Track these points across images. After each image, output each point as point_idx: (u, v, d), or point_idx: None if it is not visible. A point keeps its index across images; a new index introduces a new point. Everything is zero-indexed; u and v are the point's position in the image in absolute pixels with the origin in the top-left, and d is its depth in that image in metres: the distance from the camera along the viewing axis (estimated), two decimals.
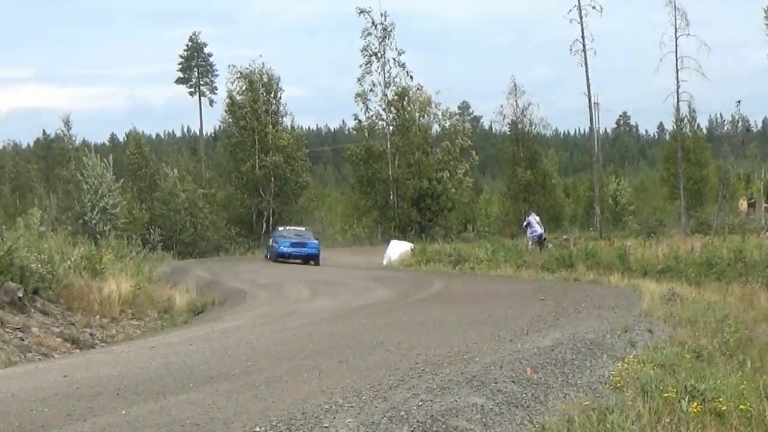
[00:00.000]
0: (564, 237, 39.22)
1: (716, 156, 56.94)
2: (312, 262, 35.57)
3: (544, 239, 34.02)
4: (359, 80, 50.37)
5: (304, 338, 11.71)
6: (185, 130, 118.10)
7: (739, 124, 61.99)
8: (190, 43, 76.42)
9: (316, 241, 37.07)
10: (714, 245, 25.91)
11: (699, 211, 49.98)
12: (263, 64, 51.23)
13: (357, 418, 6.07)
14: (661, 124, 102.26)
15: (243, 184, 50.12)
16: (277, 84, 51.03)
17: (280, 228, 40.20)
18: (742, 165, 55.16)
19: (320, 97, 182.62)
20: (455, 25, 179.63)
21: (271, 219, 49.67)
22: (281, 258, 36.24)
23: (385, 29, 50.37)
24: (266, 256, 39.10)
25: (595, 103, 51.70)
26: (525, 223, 35.38)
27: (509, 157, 55.51)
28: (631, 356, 9.15)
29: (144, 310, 18.39)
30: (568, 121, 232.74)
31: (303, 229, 40.07)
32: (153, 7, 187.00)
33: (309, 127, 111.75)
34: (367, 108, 50.58)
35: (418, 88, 50.71)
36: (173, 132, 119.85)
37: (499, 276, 24.60)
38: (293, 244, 36.58)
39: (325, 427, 5.89)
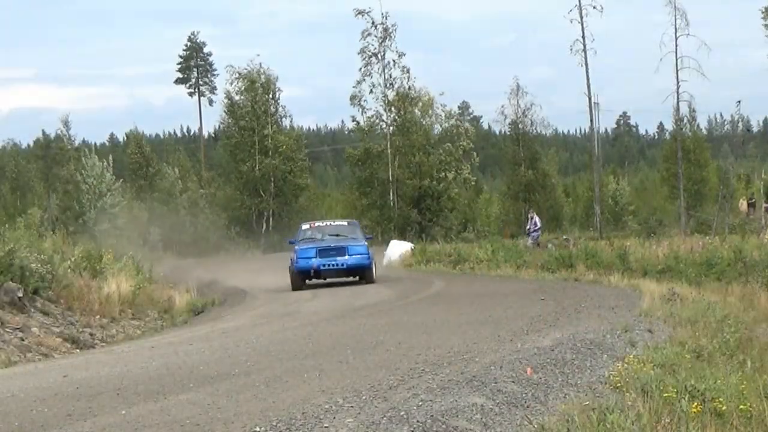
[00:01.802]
0: (564, 237, 39.21)
1: (716, 156, 56.95)
2: (364, 280, 23.06)
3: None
4: (358, 83, 50.29)
5: (304, 338, 11.71)
6: (185, 130, 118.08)
7: (739, 124, 62.02)
8: (188, 43, 76.33)
9: (363, 244, 23.19)
10: (714, 245, 25.87)
11: (699, 211, 49.98)
12: (260, 64, 51.29)
13: (357, 418, 6.07)
14: (661, 124, 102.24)
15: (243, 184, 50.15)
16: (275, 84, 51.07)
17: (305, 226, 25.04)
18: (742, 165, 55.17)
19: (320, 97, 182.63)
20: (455, 25, 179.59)
21: (271, 219, 49.72)
22: (306, 278, 22.83)
23: (385, 30, 50.32)
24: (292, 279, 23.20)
25: (595, 103, 51.70)
26: (532, 223, 35.40)
27: (510, 157, 55.53)
28: (631, 356, 9.14)
29: (144, 310, 18.40)
30: (568, 121, 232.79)
31: (344, 223, 26.16)
32: (153, 7, 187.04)
33: (309, 127, 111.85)
34: (363, 110, 50.59)
35: (421, 95, 50.68)
36: (174, 132, 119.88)
37: (499, 276, 24.58)
38: (322, 252, 22.66)
39: (325, 427, 5.89)
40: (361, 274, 23.09)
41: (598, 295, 16.74)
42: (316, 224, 25.39)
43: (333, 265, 22.61)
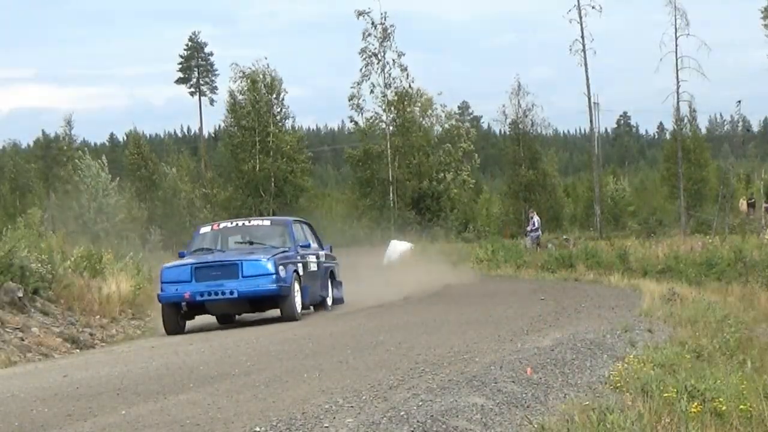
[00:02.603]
0: (564, 237, 39.24)
1: (716, 156, 56.98)
2: (283, 312, 15.11)
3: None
4: (358, 84, 50.27)
5: (304, 338, 11.72)
6: (185, 130, 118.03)
7: (739, 124, 62.04)
8: (189, 43, 76.38)
9: (270, 258, 15.06)
10: (714, 245, 25.90)
11: (699, 211, 50.00)
12: (267, 65, 51.29)
13: (357, 418, 6.07)
14: (661, 124, 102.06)
15: (244, 184, 50.18)
16: (280, 85, 51.15)
17: (203, 229, 17.41)
18: (742, 165, 55.21)
19: (320, 97, 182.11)
20: (455, 25, 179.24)
21: None
22: (180, 315, 15.14)
23: (385, 30, 50.38)
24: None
25: (595, 103, 51.76)
26: (533, 223, 35.41)
27: (510, 157, 55.54)
28: (631, 356, 9.14)
29: (144, 310, 18.37)
30: (568, 121, 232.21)
31: (266, 223, 18.15)
32: (153, 7, 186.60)
33: (309, 127, 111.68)
34: (361, 110, 50.64)
35: (420, 94, 50.73)
36: (174, 132, 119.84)
37: (499, 276, 24.60)
38: (200, 271, 14.98)
39: (325, 427, 5.89)
40: (272, 306, 15.34)
41: (598, 295, 16.76)
42: (221, 225, 17.38)
43: (218, 293, 14.71)
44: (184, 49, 76.18)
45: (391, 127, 50.53)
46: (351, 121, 51.93)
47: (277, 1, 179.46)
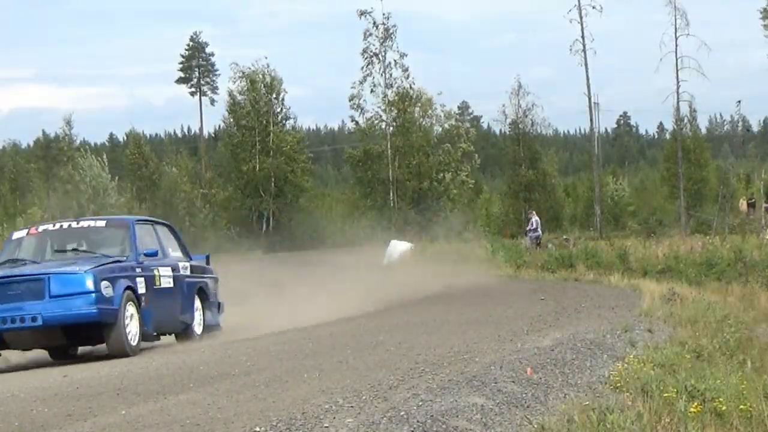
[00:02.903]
0: (564, 237, 39.24)
1: (716, 156, 56.99)
2: (109, 346, 11.53)
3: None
4: (360, 83, 50.36)
5: (304, 338, 11.72)
6: (185, 130, 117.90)
7: (739, 124, 62.05)
8: (191, 43, 76.37)
9: (88, 271, 11.26)
10: (714, 245, 25.91)
11: (699, 211, 49.99)
12: (268, 65, 51.30)
13: (357, 418, 6.07)
14: (661, 124, 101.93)
15: (243, 184, 50.21)
16: (280, 85, 51.21)
17: (17, 234, 13.10)
18: (742, 165, 55.22)
19: (320, 97, 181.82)
20: (455, 25, 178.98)
21: (271, 219, 49.73)
22: None
23: (386, 30, 50.43)
24: None
25: (595, 103, 51.76)
26: (532, 224, 35.39)
27: (510, 157, 55.53)
28: (631, 356, 9.15)
29: None
30: (568, 121, 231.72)
31: (101, 224, 13.17)
32: (153, 7, 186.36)
33: (309, 127, 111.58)
34: (361, 110, 50.70)
35: (420, 94, 50.78)
36: (174, 132, 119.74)
37: (499, 276, 24.59)
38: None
39: (325, 427, 5.89)
40: (97, 337, 11.66)
41: (598, 295, 16.76)
42: (41, 229, 13.04)
43: (15, 320, 11.04)
44: (185, 49, 76.18)
45: (391, 128, 50.56)
46: (351, 121, 52.08)
47: (277, 1, 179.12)
